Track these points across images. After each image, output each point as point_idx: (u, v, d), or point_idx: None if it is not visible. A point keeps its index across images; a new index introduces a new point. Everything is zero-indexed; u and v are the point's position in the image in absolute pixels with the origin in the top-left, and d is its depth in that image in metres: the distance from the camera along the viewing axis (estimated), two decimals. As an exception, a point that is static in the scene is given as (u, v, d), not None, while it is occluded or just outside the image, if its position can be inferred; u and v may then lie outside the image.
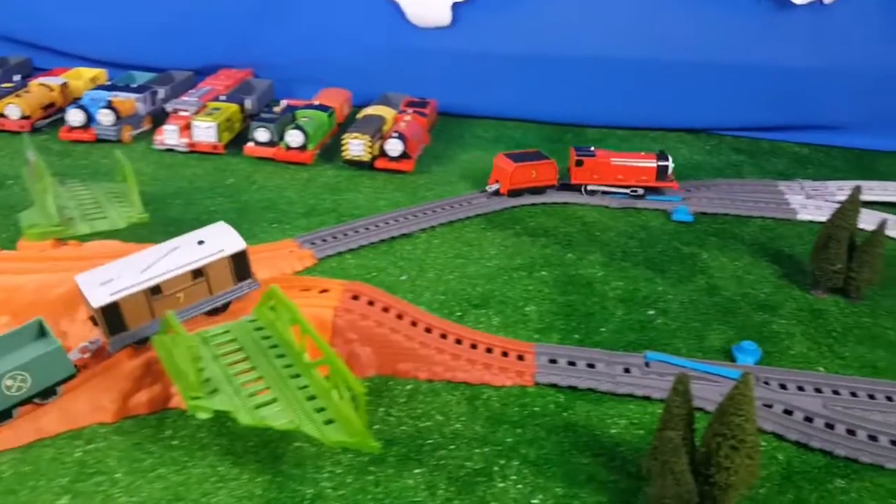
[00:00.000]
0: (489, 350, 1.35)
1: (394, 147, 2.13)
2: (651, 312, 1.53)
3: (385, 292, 1.39)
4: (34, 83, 2.39)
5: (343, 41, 2.61)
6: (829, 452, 1.16)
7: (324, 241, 1.73)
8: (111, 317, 1.15)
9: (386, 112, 2.31)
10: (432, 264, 1.69)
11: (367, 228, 1.80)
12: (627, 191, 1.99)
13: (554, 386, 1.30)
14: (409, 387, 1.28)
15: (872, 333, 1.48)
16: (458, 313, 1.50)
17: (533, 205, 1.99)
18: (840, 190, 2.05)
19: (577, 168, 2.01)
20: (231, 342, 1.15)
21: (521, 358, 1.34)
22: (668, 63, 2.49)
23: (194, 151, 2.20)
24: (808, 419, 1.21)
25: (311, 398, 1.03)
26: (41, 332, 1.18)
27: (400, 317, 1.34)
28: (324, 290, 1.35)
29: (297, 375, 1.08)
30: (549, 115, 2.59)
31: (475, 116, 2.62)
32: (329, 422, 1.00)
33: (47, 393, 1.14)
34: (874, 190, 2.05)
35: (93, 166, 2.09)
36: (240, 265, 1.27)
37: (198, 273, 1.22)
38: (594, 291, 1.61)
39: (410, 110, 2.34)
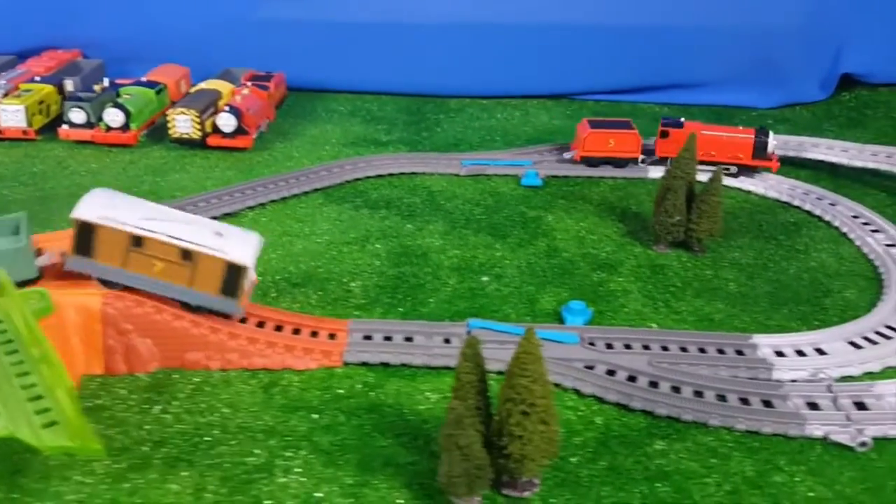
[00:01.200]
0: (297, 331, 1.21)
1: (226, 122, 1.95)
2: (485, 279, 1.43)
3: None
4: None
5: (181, 14, 2.41)
6: (650, 413, 1.07)
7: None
8: (83, 236, 1.09)
9: (222, 86, 2.13)
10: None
11: (184, 209, 1.62)
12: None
13: (365, 364, 1.17)
14: (196, 379, 1.13)
15: (712, 286, 1.42)
16: (274, 294, 1.36)
17: (379, 176, 1.86)
18: (694, 146, 2.01)
19: (663, 140, 1.82)
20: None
21: (332, 337, 1.21)
22: (527, 28, 2.40)
23: (2, 138, 1.96)
24: (632, 378, 1.13)
25: (37, 398, 0.87)
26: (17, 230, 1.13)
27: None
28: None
29: (27, 373, 0.91)
30: (408, 87, 2.46)
31: (332, 91, 2.46)
32: (51, 424, 0.84)
33: None
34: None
35: None
36: (231, 280, 1.11)
37: (186, 255, 1.10)
38: (429, 262, 1.49)
39: (256, 83, 2.17)
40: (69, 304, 1.10)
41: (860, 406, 1.08)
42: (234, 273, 1.11)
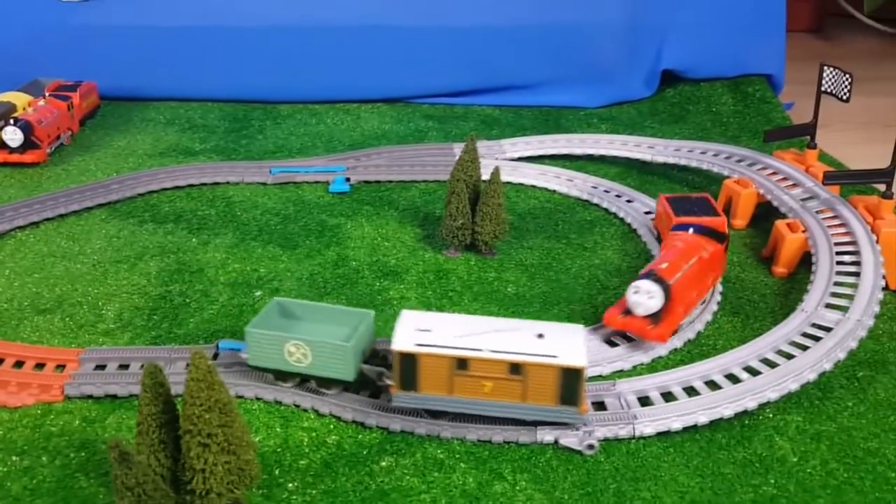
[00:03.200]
0: (19, 364, 1.11)
1: (12, 137, 1.81)
2: (258, 293, 1.36)
3: None
4: None
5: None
6: (384, 429, 1.03)
7: None
8: (407, 369, 1.00)
9: (18, 99, 1.98)
10: (13, 268, 1.41)
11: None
12: None
13: (90, 397, 1.08)
14: None
15: (492, 288, 1.40)
16: (13, 323, 1.25)
17: (177, 188, 1.76)
18: (512, 146, 2.00)
19: None
20: None
21: (61, 368, 1.12)
22: (360, 30, 2.35)
23: None
24: (374, 395, 1.08)
25: None
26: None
27: None
28: None
29: None
30: (233, 93, 2.36)
31: (153, 99, 2.34)
32: None
33: (325, 383, 1.07)
34: (545, 143, 2.02)
35: None
36: (568, 385, 0.97)
37: (515, 368, 0.97)
38: (203, 278, 1.41)
39: (60, 94, 2.03)
40: None
41: (598, 406, 1.07)
42: (570, 378, 0.97)
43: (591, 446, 0.99)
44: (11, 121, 1.82)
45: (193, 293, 1.36)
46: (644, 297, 1.18)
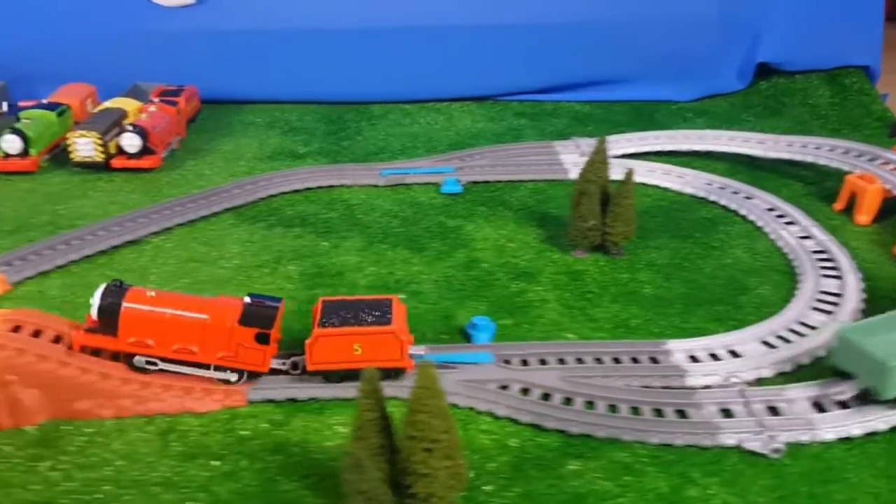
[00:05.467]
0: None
1: (130, 142, 1.86)
2: (402, 296, 1.39)
3: (61, 318, 1.15)
4: None
5: (86, 30, 2.29)
6: (563, 432, 1.05)
7: (23, 260, 1.46)
8: None
9: (128, 104, 2.03)
10: (158, 273, 1.46)
11: (82, 240, 1.53)
12: None
13: (271, 401, 1.12)
14: (89, 430, 1.06)
15: (628, 290, 1.41)
16: (177, 327, 1.29)
17: (295, 191, 1.80)
18: (615, 143, 2.00)
19: None
20: None
21: (236, 373, 1.15)
22: (449, 30, 2.36)
23: None
24: (546, 396, 1.10)
25: None
26: None
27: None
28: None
29: None
30: (327, 95, 2.39)
31: (249, 102, 2.38)
32: None
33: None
34: (647, 140, 2.02)
35: None
36: None
37: None
38: (345, 281, 1.44)
39: (166, 99, 2.07)
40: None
41: (773, 411, 1.07)
42: None
43: (776, 450, 1.00)
44: (129, 127, 1.87)
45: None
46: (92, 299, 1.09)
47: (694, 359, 1.18)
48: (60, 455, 1.01)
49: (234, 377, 1.12)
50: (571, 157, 1.93)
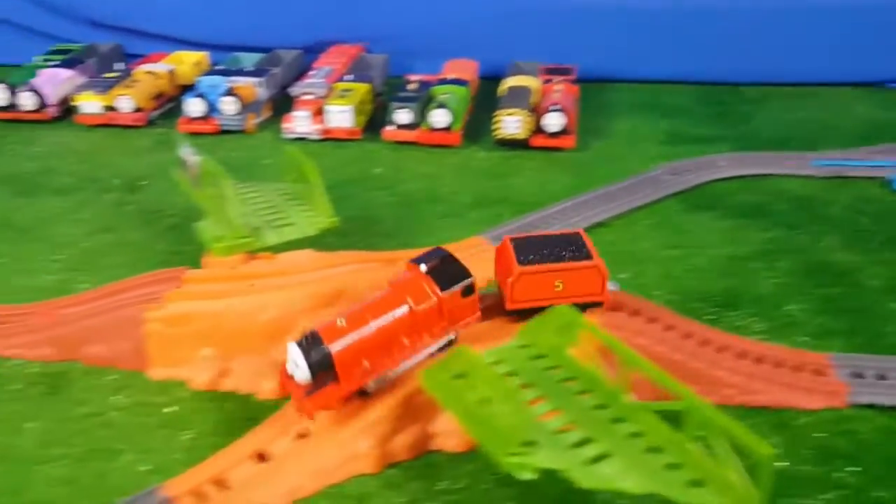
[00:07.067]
0: (778, 364, 1.13)
1: (554, 122, 1.89)
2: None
3: (645, 300, 1.17)
4: (139, 71, 2.19)
5: (468, 7, 2.36)
6: None
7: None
8: None
9: (531, 82, 2.08)
10: (647, 257, 1.47)
11: (553, 219, 1.57)
12: None
13: (871, 406, 1.08)
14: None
15: None
16: (710, 317, 1.29)
17: (730, 178, 1.76)
18: None
19: None
20: (511, 375, 0.95)
21: (818, 373, 1.13)
22: (824, 9, 2.22)
23: (328, 139, 1.99)
24: None
25: (654, 450, 0.83)
26: None
27: (669, 329, 1.13)
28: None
29: (619, 420, 0.87)
30: (699, 75, 2.32)
31: (616, 80, 2.36)
32: (695, 483, 0.80)
33: None
34: None
35: (224, 162, 1.88)
36: None
37: None
38: (854, 283, 1.37)
39: (559, 78, 2.10)
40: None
41: None
42: None
43: None
44: (553, 106, 1.90)
45: (862, 299, 1.32)
46: (291, 365, 0.96)
47: None
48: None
49: (452, 336, 1.04)
50: None
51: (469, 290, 1.02)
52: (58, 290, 1.36)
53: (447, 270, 1.02)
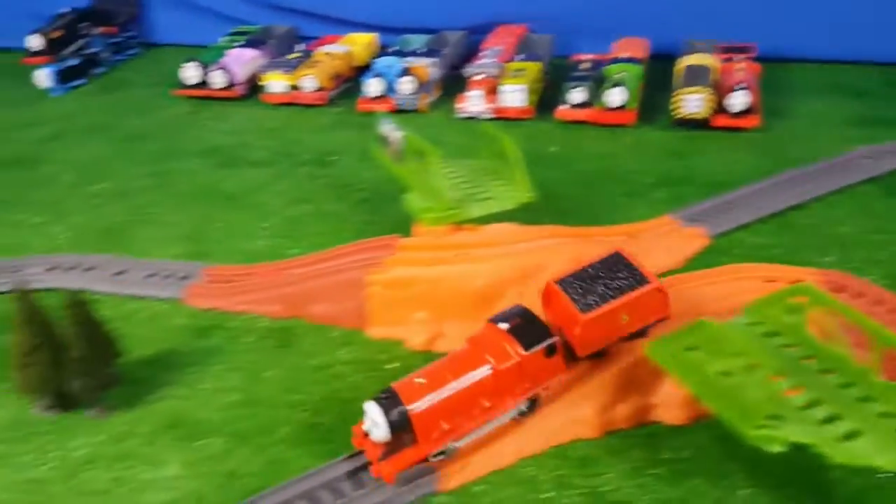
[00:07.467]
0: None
1: (740, 101, 1.84)
2: None
3: (867, 282, 1.13)
4: (319, 52, 2.31)
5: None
6: None
7: (706, 215, 1.50)
8: None
9: (710, 61, 2.02)
10: (851, 242, 1.41)
11: (746, 200, 1.53)
12: None
13: None
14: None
15: None
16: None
17: (929, 165, 1.65)
18: None
19: None
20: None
21: None
22: None
23: (500, 118, 2.02)
24: None
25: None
26: None
27: (893, 312, 1.09)
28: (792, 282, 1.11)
29: (869, 398, 0.85)
30: (880, 55, 2.18)
31: (790, 59, 2.25)
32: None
33: None
34: None
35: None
36: None
37: None
38: None
39: (740, 56, 2.03)
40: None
41: None
42: None
43: None
44: (740, 85, 1.84)
45: None
46: (369, 423, 0.93)
47: None
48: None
49: (524, 407, 1.00)
50: None
51: (552, 350, 0.99)
52: (271, 254, 1.47)
53: (529, 328, 0.99)
